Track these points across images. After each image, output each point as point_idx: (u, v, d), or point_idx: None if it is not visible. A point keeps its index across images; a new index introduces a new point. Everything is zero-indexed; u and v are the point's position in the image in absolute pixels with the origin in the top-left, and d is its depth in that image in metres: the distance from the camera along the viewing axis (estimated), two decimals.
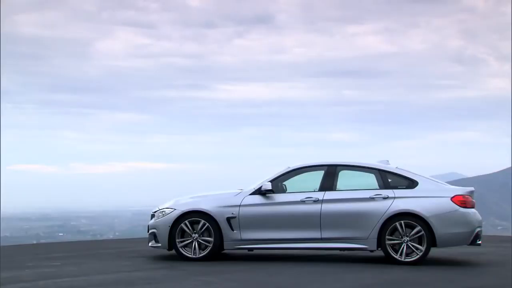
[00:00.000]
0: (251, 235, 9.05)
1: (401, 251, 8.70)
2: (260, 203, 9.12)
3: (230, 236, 9.07)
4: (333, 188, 9.10)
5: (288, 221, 9.00)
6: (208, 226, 9.06)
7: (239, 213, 9.08)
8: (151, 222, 9.48)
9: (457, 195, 8.84)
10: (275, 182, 9.25)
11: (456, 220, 8.73)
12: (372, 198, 8.91)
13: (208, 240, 9.07)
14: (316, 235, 8.93)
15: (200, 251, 9.08)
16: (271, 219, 9.05)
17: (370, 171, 9.21)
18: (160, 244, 9.26)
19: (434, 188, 8.99)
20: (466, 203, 8.84)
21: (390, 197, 8.87)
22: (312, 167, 9.43)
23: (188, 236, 9.12)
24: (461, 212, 8.77)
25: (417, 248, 8.69)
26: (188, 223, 9.12)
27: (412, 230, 8.71)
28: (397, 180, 9.08)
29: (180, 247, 9.12)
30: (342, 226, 8.87)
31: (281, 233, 9.02)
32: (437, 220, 8.67)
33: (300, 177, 9.38)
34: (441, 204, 8.77)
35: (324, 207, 8.94)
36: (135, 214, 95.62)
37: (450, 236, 8.74)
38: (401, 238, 8.73)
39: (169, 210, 9.27)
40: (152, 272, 8.20)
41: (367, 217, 8.81)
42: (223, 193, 9.42)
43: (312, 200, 9.00)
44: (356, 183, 9.25)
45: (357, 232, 8.84)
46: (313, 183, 9.22)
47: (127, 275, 7.91)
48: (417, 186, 8.97)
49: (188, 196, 9.58)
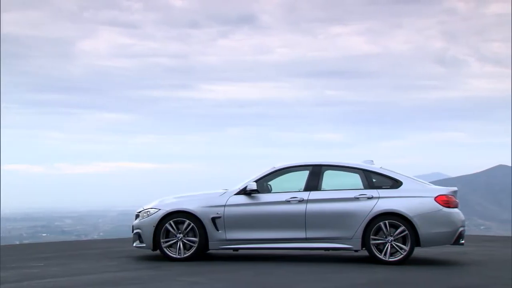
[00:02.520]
0: (236, 235, 9.06)
1: (385, 250, 8.75)
2: (245, 203, 9.13)
3: (215, 236, 9.06)
4: (318, 188, 9.13)
5: (273, 221, 9.01)
6: (193, 226, 9.05)
7: (224, 213, 9.08)
8: (136, 222, 9.45)
9: (441, 195, 8.91)
10: (260, 182, 9.26)
11: (440, 220, 8.80)
12: (357, 198, 8.95)
13: (193, 240, 9.06)
14: (301, 235, 8.96)
15: (185, 251, 9.06)
16: (256, 219, 9.06)
17: (354, 171, 9.26)
18: (145, 244, 9.23)
19: (418, 188, 9.06)
20: (450, 203, 8.91)
21: (374, 197, 8.91)
22: (297, 167, 9.46)
23: (173, 236, 9.10)
24: (444, 212, 8.84)
25: (401, 248, 8.75)
26: (173, 223, 9.10)
27: (396, 229, 8.76)
28: (381, 180, 9.13)
29: (165, 247, 9.10)
30: (327, 226, 8.91)
31: (266, 233, 9.03)
32: (421, 220, 8.73)
33: (285, 177, 9.41)
34: (424, 204, 8.83)
35: (309, 207, 8.96)
36: (119, 214, 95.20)
37: (434, 235, 8.80)
38: (385, 238, 8.77)
39: (154, 210, 9.25)
40: (137, 273, 8.17)
41: (352, 217, 8.85)
42: (208, 193, 9.42)
43: (297, 200, 9.02)
44: (341, 183, 9.30)
45: (342, 232, 8.88)
46: (298, 183, 9.25)
47: (111, 276, 7.87)
48: (401, 186, 9.02)
49: (173, 196, 9.56)
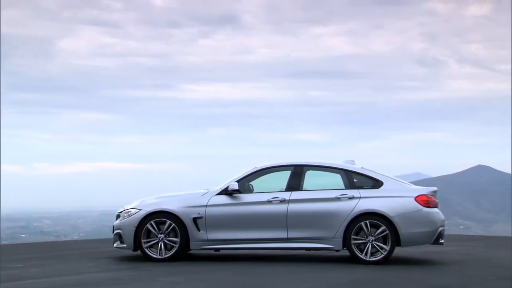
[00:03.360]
0: (218, 235, 9.04)
1: (366, 250, 8.79)
2: (226, 203, 9.12)
3: (196, 237, 9.04)
4: (299, 188, 9.15)
5: (254, 221, 9.01)
6: (174, 226, 9.02)
7: (205, 213, 9.06)
8: (116, 222, 9.39)
9: (421, 195, 8.98)
10: (242, 182, 9.26)
11: (420, 220, 8.87)
12: (338, 198, 8.98)
13: (174, 240, 9.03)
14: (283, 235, 8.96)
15: (166, 251, 9.02)
16: (238, 219, 9.05)
17: (336, 171, 9.29)
18: (126, 244, 9.18)
19: (398, 188, 9.11)
20: (430, 202, 8.98)
21: (355, 197, 8.95)
22: (279, 167, 9.47)
23: (154, 236, 9.06)
24: (424, 211, 8.90)
25: (382, 248, 8.80)
26: (154, 224, 9.06)
27: (377, 229, 8.81)
28: (362, 180, 9.17)
29: (146, 247, 9.05)
30: (308, 226, 8.93)
31: (247, 233, 9.02)
32: (401, 220, 8.79)
33: (266, 177, 9.42)
34: (405, 204, 8.89)
35: (290, 207, 8.97)
36: (100, 215, 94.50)
37: (414, 235, 8.86)
38: (366, 238, 8.82)
39: (135, 211, 9.20)
40: (117, 273, 8.11)
41: (333, 217, 8.88)
42: (190, 193, 9.39)
43: (279, 200, 9.03)
44: (322, 183, 9.33)
45: (323, 232, 8.90)
46: (279, 183, 9.26)
47: (91, 276, 7.81)
48: (382, 186, 9.07)
49: (154, 197, 9.52)
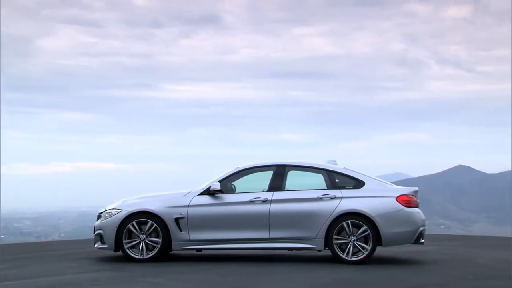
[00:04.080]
0: (200, 236, 9.02)
1: (347, 250, 8.83)
2: (209, 204, 9.10)
3: (178, 237, 9.01)
4: (281, 188, 9.16)
5: (237, 221, 9.01)
6: (156, 226, 8.98)
7: (187, 214, 9.03)
8: (97, 223, 9.33)
9: (402, 195, 9.04)
10: (224, 182, 9.24)
11: (401, 220, 8.92)
12: (320, 198, 9.01)
13: (155, 241, 8.99)
14: (265, 235, 8.97)
15: (147, 252, 8.98)
16: (220, 219, 9.04)
17: (318, 171, 9.32)
18: (107, 245, 9.12)
19: (380, 188, 9.17)
20: (411, 202, 9.04)
21: (337, 197, 8.99)
22: (261, 167, 9.47)
23: (135, 237, 9.01)
24: (405, 211, 8.96)
25: (363, 248, 8.84)
26: (136, 224, 9.02)
27: (359, 229, 8.85)
28: (344, 180, 9.21)
29: (127, 248, 9.00)
30: (291, 226, 8.94)
31: (230, 234, 9.02)
32: (383, 220, 8.84)
33: (249, 177, 9.41)
34: (386, 204, 8.95)
35: (272, 207, 8.98)
36: (81, 215, 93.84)
37: (395, 235, 8.92)
38: (348, 238, 8.85)
39: (116, 211, 9.15)
40: (98, 274, 8.05)
41: (315, 217, 8.90)
42: (172, 194, 9.36)
43: (261, 200, 9.04)
44: (304, 183, 9.35)
45: (305, 232, 8.92)
46: (261, 183, 9.26)
47: (72, 277, 7.75)
48: (364, 186, 9.12)
49: (136, 197, 9.47)
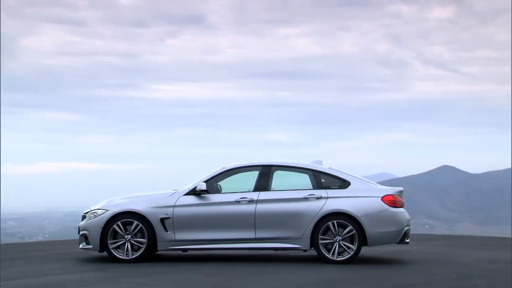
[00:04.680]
0: (186, 236, 9.00)
1: (333, 250, 8.85)
2: (194, 204, 9.08)
3: (164, 237, 8.98)
4: (267, 188, 9.17)
5: (222, 222, 9.00)
6: (141, 227, 8.94)
7: (173, 214, 9.01)
8: (82, 223, 9.27)
9: (387, 195, 9.08)
10: (210, 182, 9.23)
11: (386, 219, 8.96)
12: (306, 198, 9.03)
13: (141, 241, 8.95)
14: (251, 235, 8.97)
15: (133, 252, 8.94)
16: (206, 219, 9.02)
17: (303, 172, 9.34)
18: (91, 245, 9.07)
19: (365, 188, 9.20)
20: (396, 202, 9.08)
21: (323, 197, 9.01)
22: (247, 167, 9.47)
23: (120, 237, 8.97)
24: (390, 211, 9.00)
25: (349, 247, 8.87)
26: (121, 224, 8.97)
27: (344, 229, 8.87)
28: (330, 180, 9.23)
29: (112, 248, 8.96)
30: (276, 226, 8.95)
31: (215, 234, 9.00)
32: (368, 220, 8.87)
33: (235, 177, 9.40)
34: (371, 204, 8.98)
35: (258, 207, 8.98)
36: (66, 215, 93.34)
37: (380, 235, 8.96)
38: (334, 238, 8.88)
39: (101, 211, 9.10)
40: (83, 275, 8.00)
41: (301, 217, 8.92)
42: (157, 194, 9.33)
43: (247, 201, 9.03)
44: (290, 183, 9.36)
45: (291, 232, 8.93)
46: (247, 184, 9.25)
47: (56, 278, 7.69)
48: (349, 186, 9.15)
49: (121, 197, 9.43)
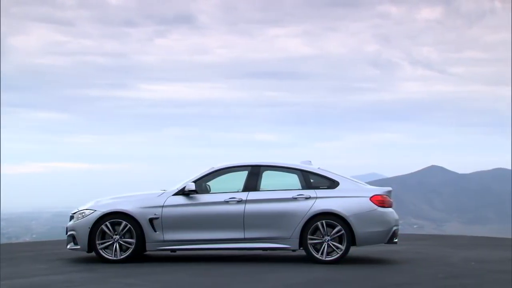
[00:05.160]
0: (174, 236, 8.98)
1: (322, 250, 8.87)
2: (183, 204, 9.06)
3: (152, 237, 8.95)
4: (256, 188, 9.16)
5: (211, 222, 8.98)
6: (130, 227, 8.91)
7: (162, 214, 8.98)
8: (70, 223, 9.22)
9: (376, 195, 9.10)
10: (199, 182, 9.21)
11: (375, 219, 8.99)
12: (295, 198, 9.03)
13: (129, 241, 8.92)
14: (240, 235, 8.96)
15: (121, 252, 8.91)
16: (195, 219, 9.00)
17: (292, 172, 9.35)
18: (79, 246, 9.02)
19: (354, 188, 9.22)
20: (384, 202, 9.11)
21: (312, 197, 9.02)
22: (236, 167, 9.46)
23: (109, 237, 8.93)
24: (379, 211, 9.03)
25: (338, 247, 8.88)
26: (109, 225, 8.94)
27: (333, 229, 8.88)
28: (319, 180, 9.25)
29: (100, 249, 8.92)
30: (265, 226, 8.95)
31: (204, 234, 8.99)
32: (357, 220, 8.89)
33: (224, 177, 9.39)
34: (360, 204, 9.00)
35: (247, 208, 8.98)
36: (54, 216, 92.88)
37: (369, 235, 8.98)
38: (322, 238, 8.89)
39: (89, 211, 9.06)
40: (71, 275, 7.96)
41: (290, 217, 8.92)
42: (146, 194, 9.30)
43: (236, 201, 9.02)
44: (279, 184, 9.36)
45: (280, 232, 8.94)
46: (236, 184, 9.25)
47: (44, 279, 7.65)
48: (338, 186, 9.16)
49: (110, 197, 9.39)
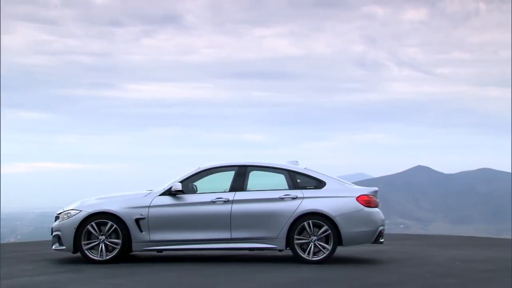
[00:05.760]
0: (161, 236, 8.95)
1: (308, 250, 8.88)
2: (170, 204, 9.04)
3: (138, 238, 8.92)
4: (243, 188, 9.16)
5: (198, 222, 8.97)
6: (116, 227, 8.87)
7: (148, 214, 8.95)
8: (55, 224, 9.16)
9: (362, 195, 9.14)
10: (186, 182, 9.19)
11: (361, 219, 9.02)
12: (282, 199, 9.04)
13: (115, 242, 8.88)
14: (226, 235, 8.95)
15: (107, 253, 8.87)
16: (181, 220, 8.99)
17: (279, 172, 9.35)
18: (65, 246, 8.97)
19: (340, 188, 9.25)
20: (371, 202, 9.15)
21: (298, 197, 9.03)
22: (223, 167, 9.45)
23: (94, 238, 8.88)
24: (365, 211, 9.06)
25: (324, 247, 8.90)
26: (95, 225, 8.89)
27: (320, 229, 8.91)
28: (305, 180, 9.27)
29: (86, 249, 8.87)
30: (252, 226, 8.95)
31: (191, 234, 8.97)
32: (343, 220, 8.92)
33: (210, 177, 9.38)
34: (347, 204, 9.03)
35: (234, 208, 8.97)
36: (39, 216, 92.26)
37: (355, 234, 9.01)
38: (309, 238, 8.91)
39: (75, 212, 9.00)
40: (56, 276, 7.90)
41: (277, 217, 8.93)
42: (132, 194, 9.26)
43: (223, 201, 9.01)
44: (266, 184, 9.37)
45: (267, 232, 8.94)
46: (223, 184, 9.24)
47: (29, 280, 7.59)
48: (325, 187, 9.19)
49: (95, 197, 9.35)
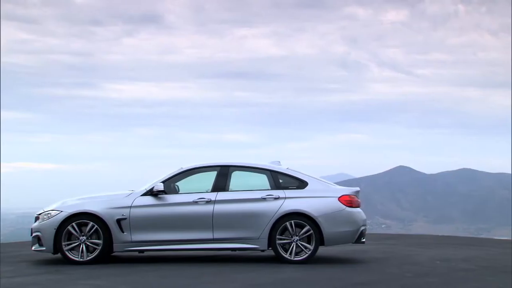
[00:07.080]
0: (142, 237, 8.91)
1: (290, 250, 8.90)
2: (151, 204, 9.00)
3: (120, 238, 8.87)
4: (225, 188, 9.15)
5: (180, 222, 8.94)
6: (97, 228, 8.81)
7: (129, 215, 8.90)
8: (35, 224, 9.07)
9: (344, 195, 9.18)
10: (168, 182, 9.16)
11: (343, 219, 9.06)
12: (264, 199, 9.05)
13: (96, 242, 8.82)
14: (208, 235, 8.94)
15: (88, 254, 8.80)
16: (163, 220, 8.95)
17: (262, 172, 9.36)
18: (45, 247, 8.89)
19: (322, 188, 9.28)
20: (352, 202, 9.19)
21: (281, 198, 9.04)
22: (205, 167, 9.44)
23: (75, 238, 8.81)
24: (347, 211, 9.11)
25: (306, 247, 8.93)
26: (76, 226, 8.82)
27: (302, 229, 8.93)
28: (288, 180, 9.29)
29: (67, 250, 8.80)
30: (234, 226, 8.94)
31: (173, 234, 8.94)
32: (325, 220, 8.95)
33: (192, 177, 9.37)
34: (328, 204, 9.07)
35: (216, 208, 8.96)
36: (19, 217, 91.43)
37: (337, 234, 9.05)
38: (291, 238, 8.93)
39: (55, 212, 8.93)
40: (36, 277, 7.82)
41: (259, 217, 8.93)
42: (113, 194, 9.21)
43: (205, 201, 9.00)
44: (248, 184, 9.38)
45: (249, 232, 8.94)
46: (205, 184, 9.23)
47: (9, 281, 7.50)
48: (307, 187, 9.21)
49: (76, 198, 9.27)
